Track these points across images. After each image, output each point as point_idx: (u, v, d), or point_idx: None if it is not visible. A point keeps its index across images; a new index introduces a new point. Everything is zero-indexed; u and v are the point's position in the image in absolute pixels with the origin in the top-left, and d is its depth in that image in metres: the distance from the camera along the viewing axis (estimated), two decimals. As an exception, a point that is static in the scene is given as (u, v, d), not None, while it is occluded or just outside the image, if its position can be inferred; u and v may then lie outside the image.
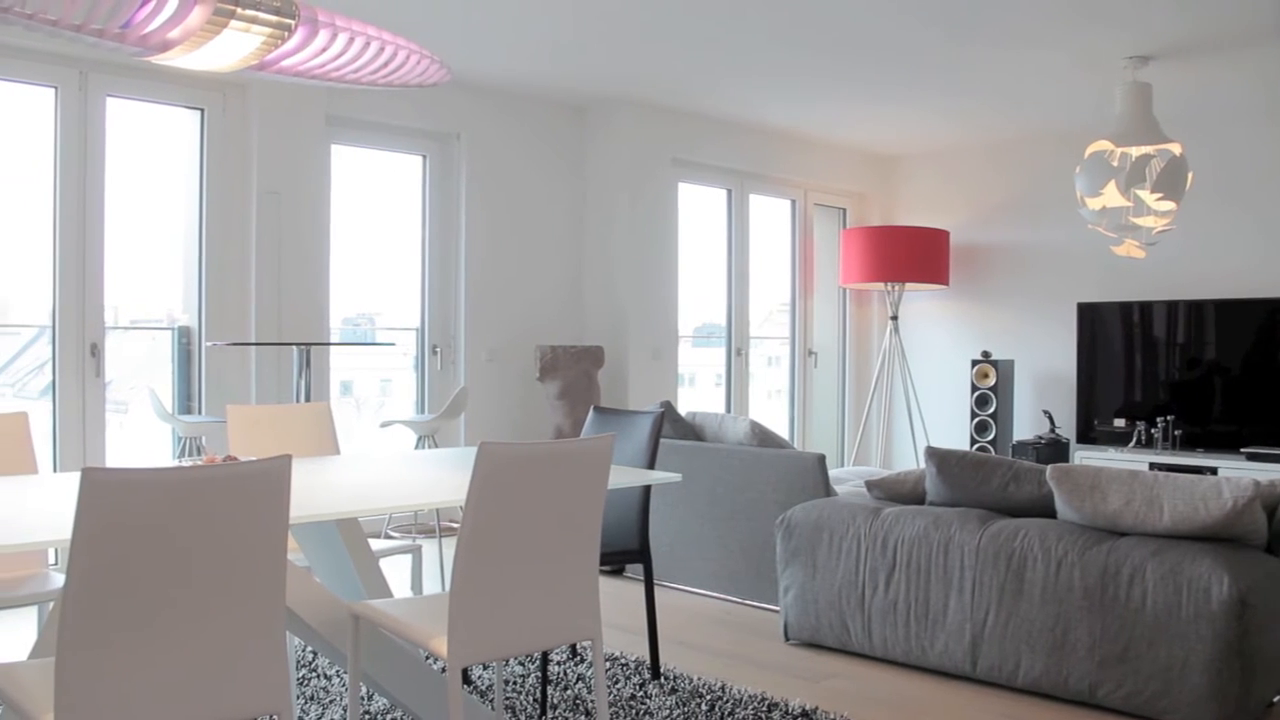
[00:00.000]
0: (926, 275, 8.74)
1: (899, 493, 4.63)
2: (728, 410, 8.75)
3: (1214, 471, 7.21)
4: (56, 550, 4.75)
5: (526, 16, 5.81)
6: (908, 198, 9.73)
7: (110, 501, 2.10)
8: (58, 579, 3.58)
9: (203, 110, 6.32)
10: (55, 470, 5.79)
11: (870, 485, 4.72)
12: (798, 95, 7.55)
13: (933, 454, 4.44)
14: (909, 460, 9.37)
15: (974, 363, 8.62)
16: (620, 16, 5.80)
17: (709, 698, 3.93)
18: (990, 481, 4.28)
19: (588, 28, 6.01)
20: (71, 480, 3.33)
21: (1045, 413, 8.52)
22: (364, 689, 3.92)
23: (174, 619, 2.22)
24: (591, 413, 4.53)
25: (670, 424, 5.75)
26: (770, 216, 9.20)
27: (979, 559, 4.05)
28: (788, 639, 4.68)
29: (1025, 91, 7.30)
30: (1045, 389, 8.78)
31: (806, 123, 8.43)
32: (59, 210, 5.78)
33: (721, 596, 5.48)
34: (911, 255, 8.68)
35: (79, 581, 2.10)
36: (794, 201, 9.33)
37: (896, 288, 8.94)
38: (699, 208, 8.56)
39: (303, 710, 3.79)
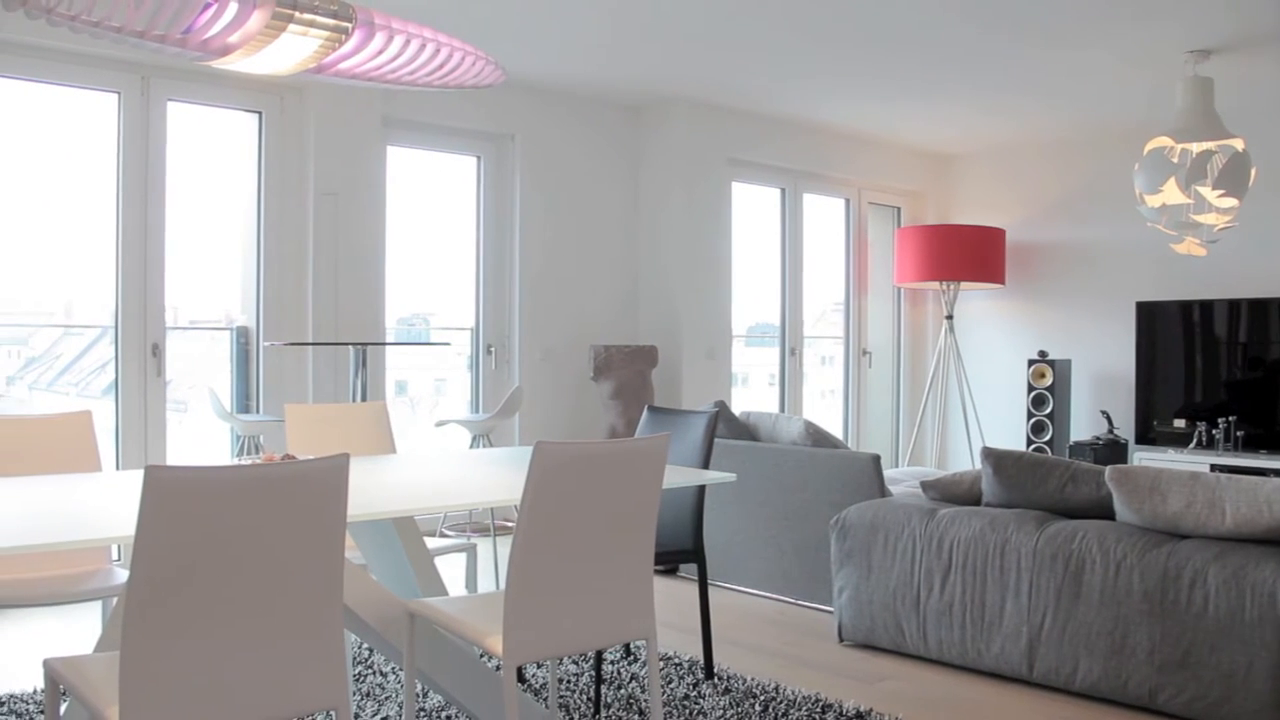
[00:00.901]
0: (982, 274, 8.66)
1: (955, 493, 4.59)
2: (781, 410, 8.72)
3: (1277, 474, 7.09)
4: (119, 546, 4.83)
5: (581, 17, 5.83)
6: (963, 196, 9.65)
7: (173, 499, 2.13)
8: (120, 575, 3.64)
9: (261, 113, 6.39)
10: (118, 468, 5.89)
11: (926, 486, 4.69)
12: (852, 94, 7.51)
13: (989, 454, 4.40)
14: (964, 461, 9.30)
15: (1030, 362, 8.53)
16: (674, 16, 5.80)
17: (763, 698, 3.92)
18: (1048, 482, 4.24)
19: (642, 28, 6.02)
20: (134, 478, 3.38)
21: (1103, 413, 8.42)
22: (419, 686, 3.95)
23: (234, 615, 2.26)
24: (646, 412, 4.53)
25: (724, 424, 5.74)
26: (824, 215, 9.16)
27: (1036, 561, 4.00)
28: (842, 640, 4.66)
29: (1081, 88, 7.22)
30: (1103, 389, 8.67)
31: (861, 121, 8.38)
32: (121, 213, 5.87)
33: (775, 597, 5.46)
34: (967, 254, 8.60)
35: (142, 578, 2.14)
36: (848, 200, 9.28)
37: (952, 287, 8.87)
38: (753, 207, 8.55)
39: (359, 706, 3.82)
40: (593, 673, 4.21)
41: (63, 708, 2.67)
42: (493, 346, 7.45)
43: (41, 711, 3.76)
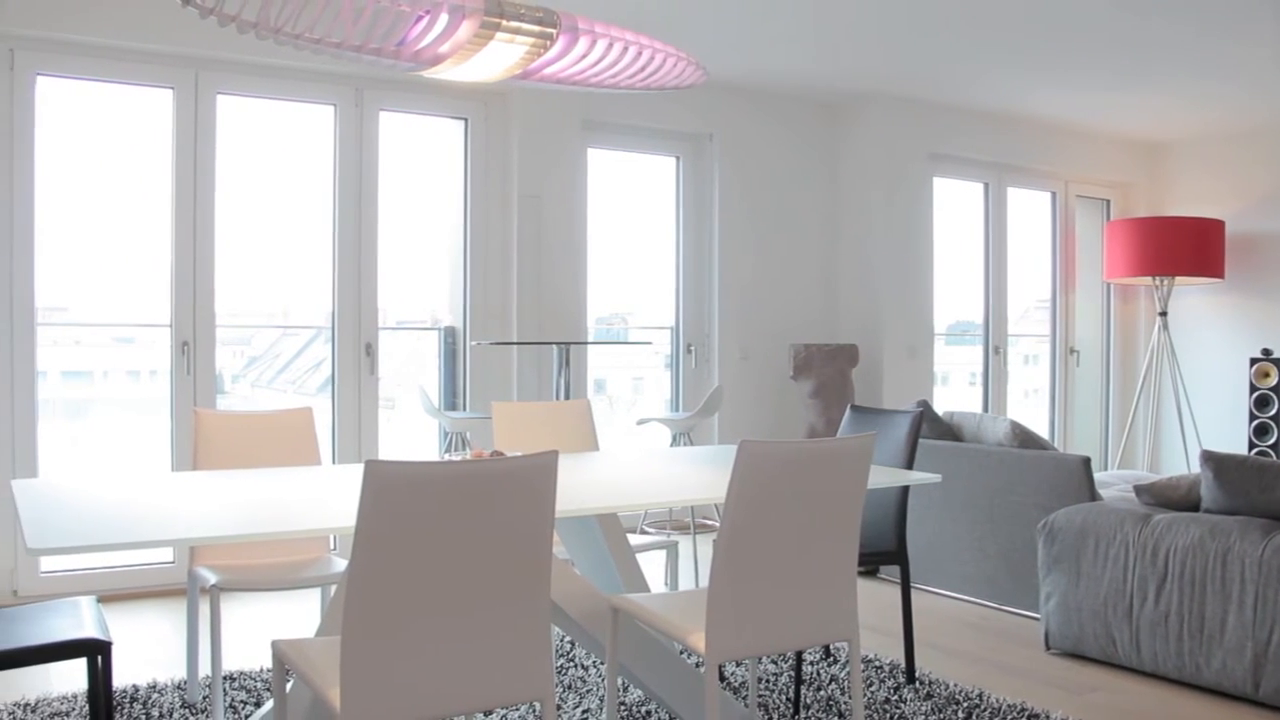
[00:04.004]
0: (1199, 268, 8.25)
1: (1170, 498, 4.40)
2: (985, 410, 8.50)
3: None
4: (335, 536, 5.05)
5: (779, 14, 5.81)
6: (1177, 187, 9.21)
7: (391, 493, 2.22)
8: (338, 563, 3.82)
9: (466, 120, 6.59)
10: (334, 462, 6.16)
11: (1139, 490, 4.51)
12: (1056, 84, 7.26)
13: (1209, 458, 4.20)
14: (1178, 465, 8.88)
15: (1253, 361, 8.09)
16: (873, 12, 5.72)
17: (965, 705, 3.83)
18: (1275, 489, 4.01)
19: (840, 24, 5.96)
20: (350, 472, 3.54)
21: (1335, 415, 7.92)
22: (621, 680, 4.01)
23: (447, 606, 2.34)
24: (849, 411, 4.50)
25: (927, 423, 5.64)
26: (1029, 209, 8.89)
27: (1262, 572, 3.80)
28: (1048, 648, 4.52)
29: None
30: (1335, 390, 8.15)
31: (1066, 112, 8.10)
32: (338, 219, 6.14)
33: (978, 601, 5.34)
34: (1182, 247, 8.21)
35: (361, 567, 2.24)
36: (1054, 194, 8.99)
37: (1165, 282, 8.48)
38: (955, 202, 8.36)
39: (561, 699, 3.91)
40: (792, 673, 4.20)
41: (287, 686, 2.82)
42: (693, 345, 7.50)
43: (268, 688, 3.97)
